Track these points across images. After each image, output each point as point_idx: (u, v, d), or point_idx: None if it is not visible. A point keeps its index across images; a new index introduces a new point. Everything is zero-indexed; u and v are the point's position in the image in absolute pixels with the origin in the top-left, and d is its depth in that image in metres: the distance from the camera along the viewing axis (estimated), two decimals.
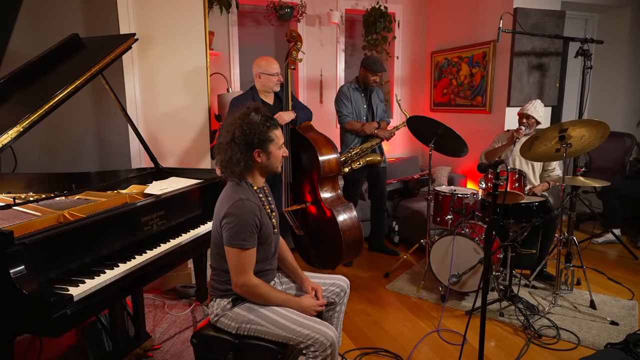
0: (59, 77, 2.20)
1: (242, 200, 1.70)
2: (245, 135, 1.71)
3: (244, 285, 1.73)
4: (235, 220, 1.68)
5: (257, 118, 1.74)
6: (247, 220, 1.69)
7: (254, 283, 1.74)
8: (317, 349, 1.66)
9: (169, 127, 3.26)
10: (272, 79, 3.06)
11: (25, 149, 3.14)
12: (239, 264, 1.71)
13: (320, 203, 3.10)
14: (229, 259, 1.73)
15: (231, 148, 1.73)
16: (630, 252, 3.97)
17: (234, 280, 1.73)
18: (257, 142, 1.73)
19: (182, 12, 3.16)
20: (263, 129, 1.74)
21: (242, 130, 1.72)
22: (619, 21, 4.88)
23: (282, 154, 1.83)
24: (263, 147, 1.75)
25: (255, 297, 1.77)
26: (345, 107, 3.66)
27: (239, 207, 1.69)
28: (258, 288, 1.75)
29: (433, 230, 3.57)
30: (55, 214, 1.84)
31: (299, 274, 2.02)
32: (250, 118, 1.73)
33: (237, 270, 1.72)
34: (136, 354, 2.34)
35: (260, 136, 1.73)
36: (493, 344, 2.58)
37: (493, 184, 1.88)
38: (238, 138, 1.72)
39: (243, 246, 1.69)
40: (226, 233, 1.70)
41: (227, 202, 1.73)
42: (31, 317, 1.40)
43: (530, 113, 3.21)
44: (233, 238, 1.68)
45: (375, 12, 4.63)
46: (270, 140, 1.76)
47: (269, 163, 1.80)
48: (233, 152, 1.73)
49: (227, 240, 1.70)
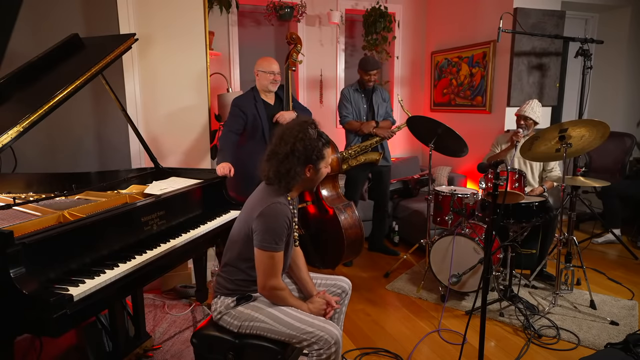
0: (59, 77, 2.20)
1: (279, 203, 1.71)
2: (307, 150, 1.72)
3: (273, 288, 1.73)
4: (269, 223, 1.68)
5: (315, 133, 1.74)
6: (280, 224, 1.69)
7: (282, 286, 1.76)
8: (322, 346, 1.66)
9: (169, 127, 3.26)
10: (267, 76, 3.07)
11: (25, 149, 3.14)
12: (270, 267, 1.71)
13: (322, 202, 3.10)
14: (259, 262, 1.72)
15: (290, 161, 1.72)
16: (630, 252, 3.97)
17: (263, 283, 1.73)
18: (314, 159, 1.73)
19: (182, 12, 3.16)
20: (320, 145, 1.74)
21: (305, 145, 1.71)
22: (619, 21, 4.88)
23: (327, 171, 1.84)
24: (316, 164, 1.76)
25: (278, 300, 1.77)
26: (345, 108, 3.73)
27: (276, 209, 1.69)
28: (284, 291, 1.77)
29: (433, 230, 3.57)
30: (55, 214, 1.84)
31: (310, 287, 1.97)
32: (310, 133, 1.73)
33: (268, 273, 1.71)
34: (136, 354, 2.34)
35: (318, 153, 1.74)
36: (493, 344, 2.58)
37: (493, 184, 1.88)
38: (299, 152, 1.71)
39: (275, 249, 1.69)
40: (258, 235, 1.69)
41: (261, 203, 1.72)
42: (31, 317, 1.40)
43: (527, 114, 3.21)
44: (266, 241, 1.68)
45: (375, 12, 4.63)
46: (323, 157, 1.77)
47: (314, 179, 1.81)
48: (292, 165, 1.72)
49: (259, 242, 1.69)
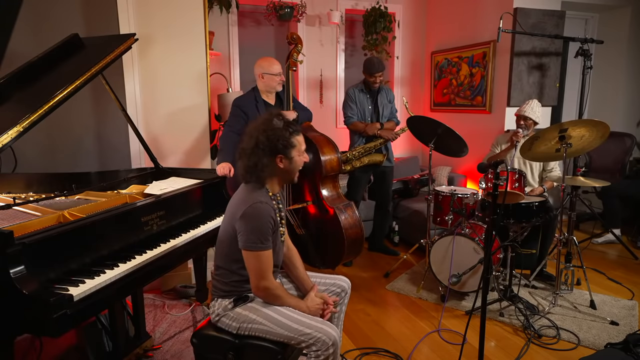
0: (59, 77, 2.20)
1: (261, 202, 1.71)
2: (270, 140, 1.72)
3: (266, 288, 1.73)
4: (252, 223, 1.68)
5: (280, 124, 1.75)
6: (264, 223, 1.69)
7: (275, 285, 1.76)
8: (319, 348, 1.66)
9: (169, 127, 3.26)
10: (275, 78, 3.08)
11: (25, 149, 3.15)
12: (259, 267, 1.71)
13: (322, 202, 3.11)
14: (248, 263, 1.72)
15: (256, 154, 1.73)
16: (630, 252, 3.97)
17: (255, 284, 1.73)
18: (281, 148, 1.73)
19: (182, 12, 3.16)
20: (286, 134, 1.74)
21: (267, 135, 1.72)
22: (619, 21, 4.88)
23: (303, 159, 1.84)
24: (286, 153, 1.75)
25: (273, 299, 1.77)
26: (350, 109, 3.72)
27: (257, 209, 1.69)
28: (278, 290, 1.77)
29: (433, 230, 3.57)
30: (55, 214, 1.84)
31: (307, 282, 1.97)
32: (274, 124, 1.74)
33: (258, 274, 1.71)
34: (136, 354, 2.34)
35: (284, 142, 1.73)
36: (493, 344, 2.58)
37: (493, 184, 1.88)
38: (263, 144, 1.72)
39: (262, 249, 1.69)
40: (242, 237, 1.69)
41: (243, 204, 1.72)
42: (31, 317, 1.40)
43: (527, 115, 3.21)
44: (251, 241, 1.68)
45: (375, 12, 4.63)
46: (293, 145, 1.76)
47: (290, 168, 1.80)
48: (258, 158, 1.73)
49: (244, 243, 1.69)
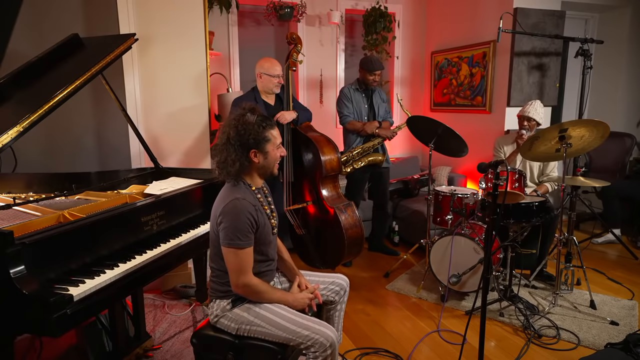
0: (59, 77, 2.20)
1: (237, 199, 1.70)
2: (240, 135, 1.72)
3: (245, 285, 1.73)
4: (230, 220, 1.68)
5: (253, 118, 1.74)
6: (241, 220, 1.69)
7: (253, 282, 1.75)
8: (317, 349, 1.66)
9: (169, 127, 3.26)
10: (272, 80, 3.08)
11: (25, 149, 3.14)
12: (237, 265, 1.71)
13: (322, 202, 3.11)
14: (227, 260, 1.73)
15: (226, 149, 1.74)
16: (630, 252, 3.97)
17: (234, 281, 1.73)
18: (252, 142, 1.73)
19: (182, 12, 3.16)
20: (259, 129, 1.74)
21: (237, 130, 1.72)
22: (619, 21, 4.88)
23: (279, 153, 1.83)
24: (259, 147, 1.75)
25: (255, 296, 1.77)
26: (346, 108, 3.68)
27: (233, 206, 1.69)
28: (257, 287, 1.75)
29: (433, 230, 3.57)
30: (55, 214, 1.84)
31: (294, 271, 2.02)
32: (246, 118, 1.74)
33: (236, 271, 1.72)
34: (136, 354, 2.34)
35: (256, 136, 1.73)
36: (493, 344, 2.58)
37: (493, 184, 1.88)
38: (233, 139, 1.72)
39: (239, 246, 1.69)
40: (222, 233, 1.70)
41: (222, 202, 1.73)
42: (31, 317, 1.40)
43: (531, 115, 3.21)
44: (229, 238, 1.68)
45: (375, 12, 4.62)
46: (267, 140, 1.76)
47: (266, 163, 1.80)
48: (228, 153, 1.73)
49: (223, 241, 1.70)
